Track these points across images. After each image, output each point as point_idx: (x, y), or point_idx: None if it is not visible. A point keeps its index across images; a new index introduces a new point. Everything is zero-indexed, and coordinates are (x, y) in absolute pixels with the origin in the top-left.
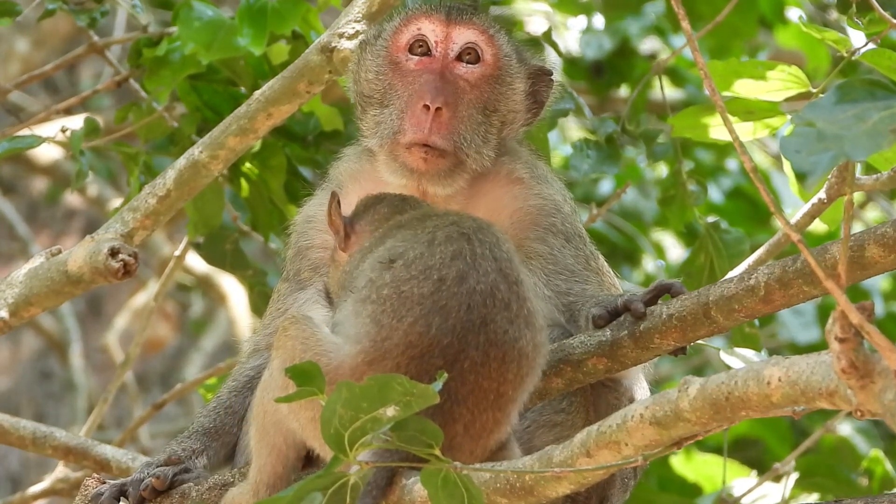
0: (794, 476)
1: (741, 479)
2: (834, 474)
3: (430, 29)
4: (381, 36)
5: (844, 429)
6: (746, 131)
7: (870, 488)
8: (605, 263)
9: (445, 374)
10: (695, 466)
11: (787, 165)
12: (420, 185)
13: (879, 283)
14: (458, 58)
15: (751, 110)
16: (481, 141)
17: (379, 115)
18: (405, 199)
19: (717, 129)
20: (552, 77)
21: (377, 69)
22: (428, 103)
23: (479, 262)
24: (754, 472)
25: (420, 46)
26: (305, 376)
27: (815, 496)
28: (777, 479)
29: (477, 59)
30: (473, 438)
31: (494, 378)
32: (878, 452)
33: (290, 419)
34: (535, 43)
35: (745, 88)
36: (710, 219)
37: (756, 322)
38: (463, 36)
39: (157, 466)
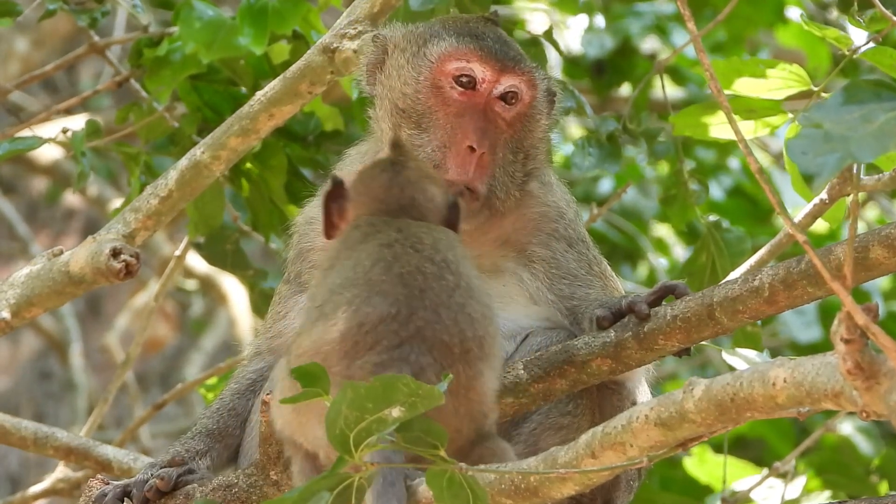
0: (803, 475)
1: (752, 478)
2: (847, 472)
3: (481, 69)
4: (426, 52)
5: (846, 428)
6: (748, 130)
7: (875, 489)
8: (610, 269)
9: (451, 376)
10: (707, 468)
11: (789, 165)
12: None
13: (880, 282)
14: (500, 97)
15: (752, 109)
16: (510, 182)
17: (415, 137)
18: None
19: (717, 128)
20: (556, 94)
21: (417, 86)
22: (475, 146)
23: (399, 256)
24: (765, 471)
25: (467, 79)
26: (311, 377)
27: (826, 494)
28: (783, 476)
29: (516, 100)
30: (451, 393)
31: (454, 333)
32: (892, 451)
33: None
34: (536, 42)
35: (746, 87)
36: (712, 218)
37: (758, 322)
38: (510, 80)
39: (161, 467)
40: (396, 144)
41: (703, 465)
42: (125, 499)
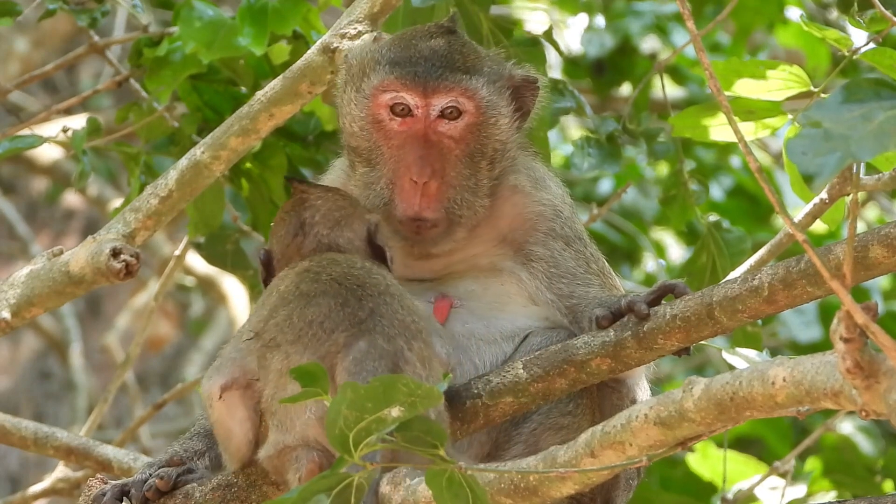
0: (808, 474)
1: (755, 477)
2: (852, 472)
3: (410, 96)
4: (363, 87)
5: (846, 427)
6: (748, 131)
7: (879, 488)
8: (607, 265)
9: (451, 375)
10: (710, 464)
11: (788, 167)
12: (417, 249)
13: (879, 281)
14: (441, 115)
15: (752, 110)
16: (472, 196)
17: (368, 175)
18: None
19: (717, 130)
20: (537, 84)
21: (361, 124)
22: (415, 178)
23: (323, 268)
24: (788, 466)
25: (401, 108)
26: (310, 377)
27: (832, 494)
28: (783, 475)
29: (459, 114)
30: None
31: (406, 314)
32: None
33: None
34: (536, 42)
35: (745, 88)
36: (712, 217)
37: (759, 321)
38: (442, 100)
39: (159, 467)
40: (294, 187)
41: (706, 460)
42: (124, 498)
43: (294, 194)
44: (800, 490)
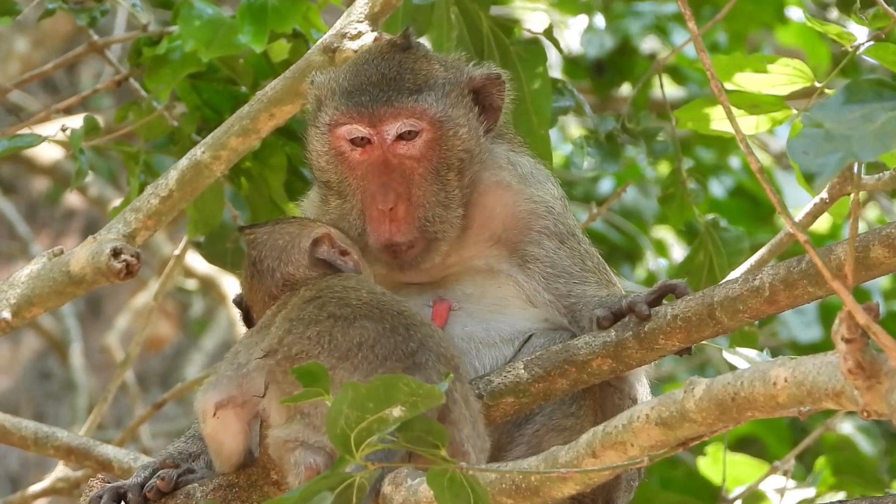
0: (817, 474)
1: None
2: (861, 472)
3: (362, 126)
4: (320, 122)
5: (846, 428)
6: (750, 125)
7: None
8: (602, 260)
9: (452, 375)
10: (720, 468)
11: (793, 161)
12: (404, 271)
13: (880, 282)
14: (398, 138)
15: (755, 104)
16: (444, 210)
17: (340, 207)
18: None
19: (721, 122)
20: (501, 79)
21: (326, 158)
22: (381, 206)
23: (347, 301)
24: (787, 466)
25: (359, 138)
26: (311, 377)
27: (842, 495)
28: (784, 474)
29: (415, 135)
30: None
31: (445, 346)
32: None
33: None
34: (536, 41)
35: (748, 82)
36: (710, 216)
37: (756, 322)
38: (392, 125)
39: (154, 470)
40: (244, 234)
41: (716, 464)
42: (121, 501)
43: (244, 240)
44: (809, 491)
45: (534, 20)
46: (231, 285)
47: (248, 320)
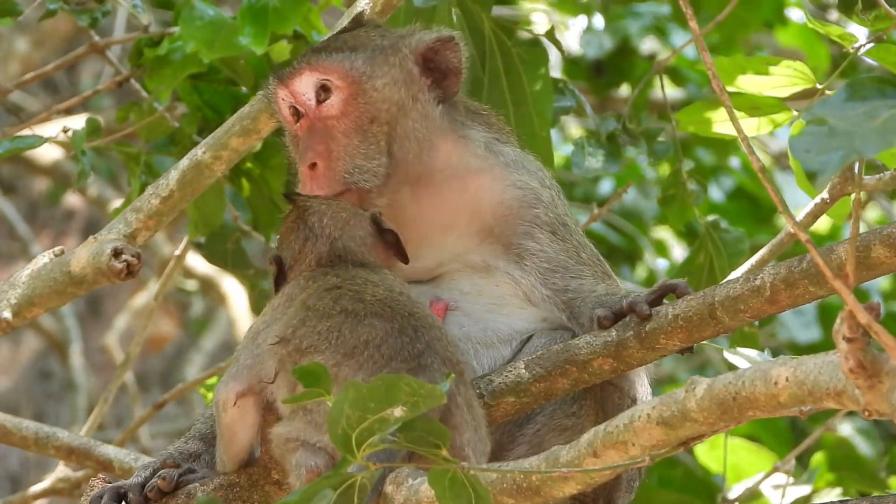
0: (814, 470)
1: (761, 475)
2: (858, 469)
3: (283, 97)
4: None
5: (845, 429)
6: (751, 127)
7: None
8: (595, 251)
9: (453, 375)
10: (718, 455)
11: (794, 162)
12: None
13: (880, 282)
14: (319, 101)
15: (756, 105)
16: (364, 160)
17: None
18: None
19: (722, 125)
20: (454, 41)
21: (289, 142)
22: (302, 168)
23: (362, 297)
24: (788, 466)
25: (294, 112)
26: (313, 377)
27: (837, 492)
28: (786, 473)
29: (329, 92)
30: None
31: (452, 351)
32: None
33: None
34: (537, 41)
35: (749, 84)
36: (710, 217)
37: (755, 322)
38: (303, 85)
39: (154, 470)
40: (295, 202)
41: (713, 451)
42: (121, 501)
43: (295, 207)
44: (804, 489)
45: (534, 21)
46: (231, 285)
47: (278, 281)
